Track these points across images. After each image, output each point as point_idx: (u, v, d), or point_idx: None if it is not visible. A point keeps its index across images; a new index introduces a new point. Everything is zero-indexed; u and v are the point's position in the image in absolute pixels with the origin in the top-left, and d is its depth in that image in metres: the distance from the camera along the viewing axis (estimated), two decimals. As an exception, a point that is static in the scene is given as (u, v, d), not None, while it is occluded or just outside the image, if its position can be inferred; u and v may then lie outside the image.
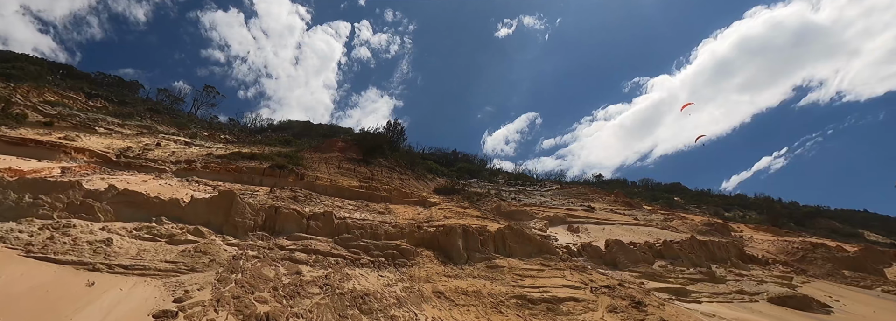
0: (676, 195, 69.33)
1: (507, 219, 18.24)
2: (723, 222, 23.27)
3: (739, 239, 20.40)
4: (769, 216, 45.08)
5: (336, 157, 24.90)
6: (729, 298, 12.01)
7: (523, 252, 13.40)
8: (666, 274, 13.21)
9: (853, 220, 58.47)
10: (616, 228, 18.84)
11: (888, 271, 17.86)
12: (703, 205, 61.90)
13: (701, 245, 15.90)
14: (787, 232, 25.78)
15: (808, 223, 53.17)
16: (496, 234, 13.62)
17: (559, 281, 11.56)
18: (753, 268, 15.85)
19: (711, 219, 24.00)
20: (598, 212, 23.45)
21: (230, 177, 16.39)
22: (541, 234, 16.12)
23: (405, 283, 9.97)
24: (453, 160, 70.10)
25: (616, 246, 14.15)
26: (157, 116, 47.90)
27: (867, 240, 47.94)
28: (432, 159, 61.29)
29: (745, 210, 59.58)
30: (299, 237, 11.49)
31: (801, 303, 11.95)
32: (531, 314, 9.13)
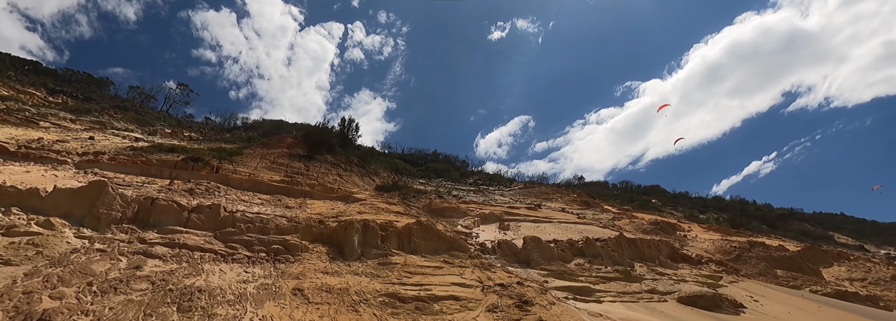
0: (654, 197, 69.37)
1: (435, 216, 17.50)
2: (669, 221, 22.74)
3: (683, 238, 19.84)
4: (730, 217, 44.87)
5: (279, 153, 24.04)
6: (636, 298, 11.36)
7: (429, 248, 12.65)
8: (579, 272, 12.54)
9: (827, 223, 58.61)
10: (550, 226, 18.16)
11: (828, 271, 17.37)
12: (679, 207, 61.82)
13: (629, 243, 15.27)
14: (737, 232, 25.33)
15: (779, 225, 53.15)
16: (402, 230, 12.87)
17: (453, 279, 10.83)
18: (683, 267, 15.25)
19: (659, 219, 23.46)
20: (545, 210, 22.80)
21: (137, 169, 15.49)
22: (460, 231, 15.40)
23: (267, 280, 9.17)
24: (433, 160, 69.60)
25: (532, 243, 13.45)
26: (120, 113, 46.58)
27: (836, 242, 47.91)
28: (411, 160, 60.73)
29: (720, 212, 59.50)
30: (173, 230, 10.64)
31: (710, 303, 11.33)
32: (392, 313, 8.37)
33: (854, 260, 18.73)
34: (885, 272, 16.43)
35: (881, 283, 15.99)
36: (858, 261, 18.51)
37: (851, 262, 17.66)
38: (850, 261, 18.40)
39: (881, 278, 16.19)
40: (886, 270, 16.62)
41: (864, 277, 16.52)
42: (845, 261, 18.04)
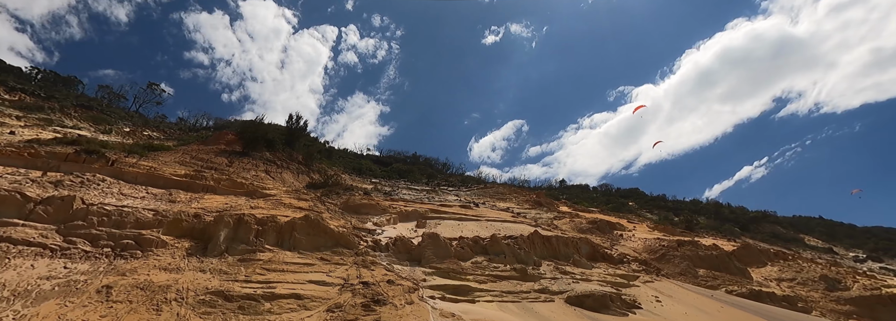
0: (633, 200, 68.99)
1: (350, 212, 16.65)
2: (610, 220, 22.02)
3: (617, 237, 19.10)
4: (684, 217, 44.60)
5: (211, 150, 23.11)
6: (520, 297, 10.55)
7: (312, 244, 11.79)
8: (471, 270, 11.72)
9: (802, 226, 58.31)
10: (473, 224, 17.35)
11: (760, 271, 16.69)
12: (655, 209, 61.51)
13: (543, 241, 14.49)
14: (682, 232, 24.69)
15: (752, 228, 52.75)
16: (285, 226, 11.99)
17: (316, 276, 9.98)
18: (599, 266, 14.47)
19: (600, 218, 22.72)
20: (483, 208, 22.00)
21: (20, 161, 14.51)
22: (362, 228, 14.54)
23: (83, 277, 8.26)
24: (413, 162, 68.98)
25: (429, 240, 12.63)
26: (80, 111, 45.39)
27: (806, 245, 47.53)
28: (388, 162, 59.94)
29: (696, 214, 59.14)
30: (5, 222, 9.69)
31: (598, 303, 10.55)
32: (204, 313, 7.50)
33: (791, 259, 18.07)
34: (815, 272, 15.76)
35: (809, 283, 15.33)
36: (794, 260, 17.85)
37: (784, 262, 16.99)
38: (786, 260, 17.74)
39: (809, 278, 15.52)
40: (817, 270, 15.96)
41: (794, 277, 15.85)
42: (780, 261, 17.37)
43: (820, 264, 17.75)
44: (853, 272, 17.44)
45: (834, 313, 13.61)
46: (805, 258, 20.25)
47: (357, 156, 57.31)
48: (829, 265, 20.17)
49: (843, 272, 16.56)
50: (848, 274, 16.18)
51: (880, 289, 14.36)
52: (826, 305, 13.96)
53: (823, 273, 15.55)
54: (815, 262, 18.15)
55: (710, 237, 23.92)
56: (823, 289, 14.89)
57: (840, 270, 17.12)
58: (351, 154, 57.64)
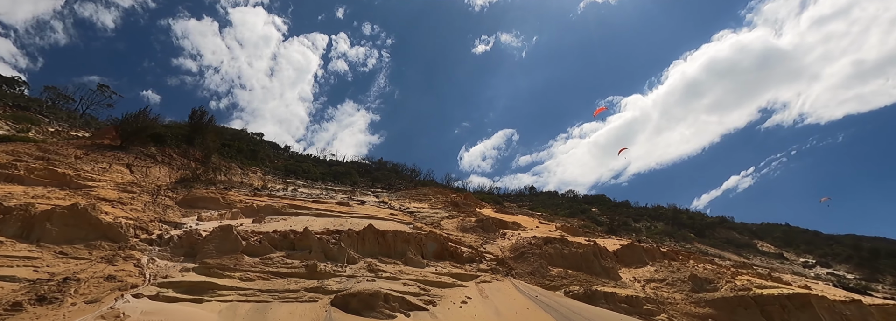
0: (596, 206, 67.97)
1: (184, 206, 15.09)
2: (501, 219, 20.63)
3: (500, 235, 17.70)
4: (610, 219, 43.80)
5: (78, 143, 21.50)
6: (274, 297, 9.06)
7: (65, 236, 10.23)
8: (248, 266, 10.21)
9: (761, 233, 57.40)
10: (325, 219, 15.84)
11: (635, 271, 15.32)
12: (616, 216, 60.51)
13: (377, 237, 13.02)
14: (586, 231, 23.40)
15: (707, 233, 51.79)
16: (39, 215, 10.40)
17: (17, 271, 8.39)
18: (438, 264, 13.00)
19: (491, 216, 21.35)
20: (364, 206, 20.55)
21: None
22: (162, 221, 12.97)
23: None
24: (378, 169, 67.80)
25: (218, 234, 11.11)
26: (10, 110, 43.51)
27: (758, 250, 46.49)
28: (356, 167, 58.65)
29: (654, 221, 58.12)
30: None
31: (362, 304, 9.10)
32: None
33: (680, 260, 16.74)
34: (686, 272, 14.43)
35: (677, 284, 13.99)
36: (681, 261, 16.51)
37: (665, 263, 15.65)
38: (673, 261, 16.40)
39: (679, 279, 14.18)
40: (690, 271, 14.62)
41: (665, 277, 14.51)
42: (665, 261, 16.02)
43: (704, 264, 16.42)
44: (736, 273, 16.13)
45: (688, 316, 12.24)
46: (698, 258, 18.94)
47: (304, 158, 55.67)
48: (726, 267, 18.88)
49: (724, 273, 15.24)
50: (726, 274, 14.87)
51: (749, 290, 13.03)
52: (683, 308, 12.59)
53: (693, 273, 14.21)
54: (699, 262, 16.82)
55: (624, 239, 22.58)
56: (689, 290, 13.55)
57: (723, 271, 15.81)
58: (298, 156, 56.07)
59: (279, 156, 53.27)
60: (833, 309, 11.71)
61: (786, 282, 16.45)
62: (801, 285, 17.05)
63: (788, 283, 15.59)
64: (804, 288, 15.41)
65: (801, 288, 15.20)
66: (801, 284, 17.79)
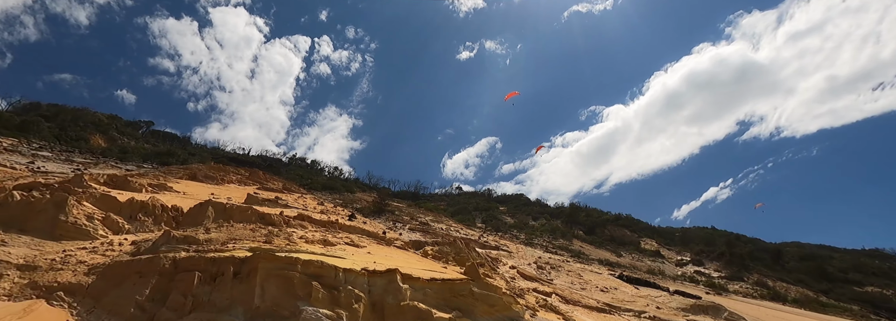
0: (506, 205, 65.05)
1: None
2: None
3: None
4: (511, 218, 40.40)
5: None
6: None
7: None
8: None
9: (665, 235, 54.76)
10: None
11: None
12: (529, 214, 57.84)
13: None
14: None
15: (596, 230, 48.71)
16: None
17: None
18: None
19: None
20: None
21: None
22: None
23: None
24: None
25: None
26: None
27: (639, 247, 43.44)
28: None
29: (554, 218, 55.07)
30: None
31: None
32: None
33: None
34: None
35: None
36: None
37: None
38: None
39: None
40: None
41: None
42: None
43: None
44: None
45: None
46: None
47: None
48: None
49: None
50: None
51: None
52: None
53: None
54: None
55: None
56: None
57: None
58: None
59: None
60: (320, 277, 7.71)
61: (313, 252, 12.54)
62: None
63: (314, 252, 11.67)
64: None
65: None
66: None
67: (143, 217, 10.75)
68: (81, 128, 42.47)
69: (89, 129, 43.29)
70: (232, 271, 7.40)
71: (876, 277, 54.03)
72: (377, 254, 11.13)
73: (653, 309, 15.55)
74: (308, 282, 7.42)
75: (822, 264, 49.14)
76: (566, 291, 15.32)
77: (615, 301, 15.80)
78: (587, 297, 15.31)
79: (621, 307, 15.03)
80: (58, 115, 46.28)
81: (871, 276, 53.85)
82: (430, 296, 8.43)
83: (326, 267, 7.89)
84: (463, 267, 12.79)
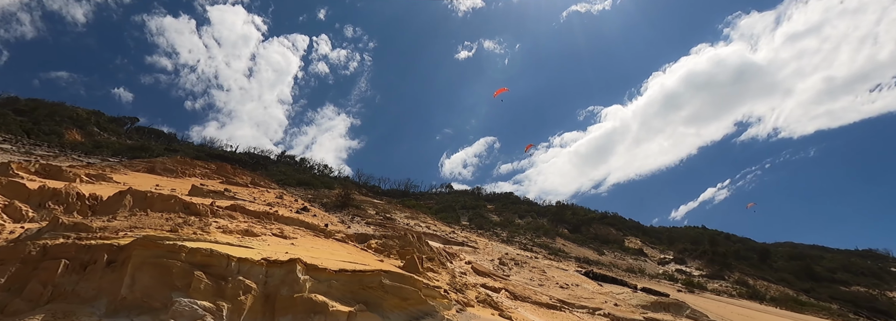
0: (494, 204, 64.85)
1: None
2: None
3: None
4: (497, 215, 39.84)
5: None
6: None
7: None
8: None
9: (654, 233, 54.34)
10: None
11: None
12: (514, 213, 57.45)
13: None
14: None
15: (582, 229, 48.24)
16: None
17: None
18: None
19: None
20: None
21: None
22: None
23: None
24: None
25: None
26: None
27: (622, 246, 42.93)
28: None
29: (540, 217, 54.59)
30: None
31: None
32: None
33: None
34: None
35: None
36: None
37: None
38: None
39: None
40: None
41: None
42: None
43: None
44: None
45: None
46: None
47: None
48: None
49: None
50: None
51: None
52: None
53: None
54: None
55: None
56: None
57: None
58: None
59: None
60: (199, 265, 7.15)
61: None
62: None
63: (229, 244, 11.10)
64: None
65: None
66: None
67: (53, 205, 10.18)
68: (57, 122, 41.78)
69: (65, 124, 42.60)
70: (106, 259, 6.85)
71: (864, 277, 53.71)
72: (303, 245, 10.57)
73: (610, 306, 15.02)
74: (190, 271, 6.87)
75: (809, 264, 48.74)
76: (519, 287, 14.79)
77: (572, 297, 15.27)
78: (541, 294, 14.78)
79: (576, 304, 14.50)
80: (35, 110, 45.66)
81: (859, 276, 53.53)
82: (334, 288, 7.88)
83: (217, 256, 7.33)
84: (404, 260, 12.27)
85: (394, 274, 8.55)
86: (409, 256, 12.15)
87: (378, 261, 11.64)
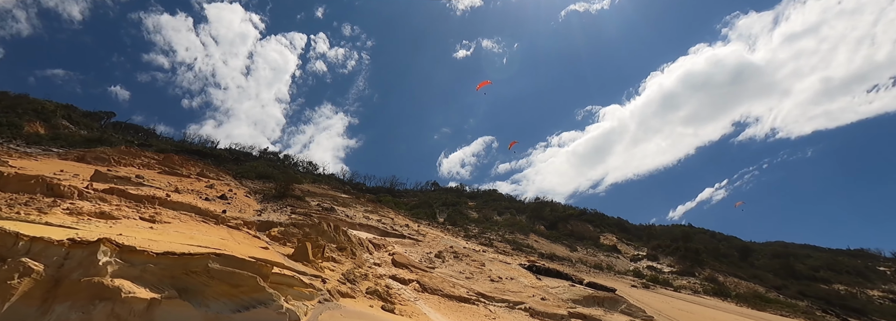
0: (474, 201, 64.14)
1: None
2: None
3: None
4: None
5: None
6: None
7: None
8: None
9: (631, 230, 53.45)
10: None
11: None
12: (494, 209, 56.65)
13: None
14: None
15: (558, 225, 47.36)
16: None
17: None
18: None
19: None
20: None
21: None
22: None
23: None
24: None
25: None
26: None
27: (597, 243, 42.04)
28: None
29: (520, 213, 53.71)
30: None
31: None
32: None
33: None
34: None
35: None
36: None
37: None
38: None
39: None
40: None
41: None
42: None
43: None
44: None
45: None
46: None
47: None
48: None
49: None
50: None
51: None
52: None
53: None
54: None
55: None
56: None
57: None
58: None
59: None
60: None
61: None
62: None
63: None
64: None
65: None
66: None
67: None
68: (18, 115, 40.78)
69: (28, 117, 41.59)
70: None
71: (848, 276, 52.87)
72: (164, 229, 9.67)
73: (535, 300, 14.14)
74: (-44, 251, 5.98)
75: (790, 262, 47.89)
76: (437, 280, 13.90)
77: (496, 291, 14.39)
78: (461, 287, 13.90)
79: (496, 297, 13.62)
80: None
81: (843, 274, 52.68)
82: (149, 273, 6.98)
83: (2, 235, 6.44)
84: (296, 248, 11.40)
85: (231, 258, 7.64)
86: (301, 244, 11.27)
87: (261, 248, 10.75)
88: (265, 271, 7.88)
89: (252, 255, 9.03)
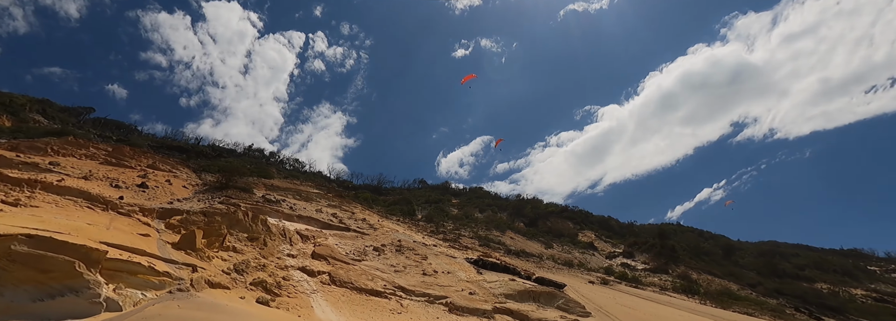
0: (457, 198, 63.34)
1: None
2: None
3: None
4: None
5: None
6: None
7: None
8: None
9: (610, 226, 52.62)
10: None
11: None
12: (476, 206, 55.80)
13: None
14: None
15: (538, 222, 46.57)
16: None
17: None
18: None
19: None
20: None
21: None
22: None
23: None
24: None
25: None
26: None
27: (574, 240, 41.22)
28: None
29: (502, 210, 52.93)
30: None
31: None
32: None
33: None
34: None
35: None
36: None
37: None
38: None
39: None
40: None
41: None
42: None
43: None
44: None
45: None
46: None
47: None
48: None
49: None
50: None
51: None
52: None
53: None
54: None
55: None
56: None
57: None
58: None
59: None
60: None
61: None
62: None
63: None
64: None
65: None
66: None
67: None
68: (-17, 107, 40.01)
69: (-7, 109, 40.82)
70: None
71: (835, 275, 52.09)
72: (21, 213, 8.82)
73: (462, 294, 13.33)
74: None
75: (773, 261, 47.08)
76: (355, 273, 13.08)
77: (422, 285, 13.57)
78: (380, 280, 13.07)
79: (416, 291, 12.80)
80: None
81: (829, 273, 51.90)
82: (-63, 256, 6.15)
83: None
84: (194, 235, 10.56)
85: (47, 240, 6.79)
86: (188, 232, 10.44)
87: (140, 234, 9.90)
88: (94, 256, 7.05)
89: (106, 240, 8.21)
